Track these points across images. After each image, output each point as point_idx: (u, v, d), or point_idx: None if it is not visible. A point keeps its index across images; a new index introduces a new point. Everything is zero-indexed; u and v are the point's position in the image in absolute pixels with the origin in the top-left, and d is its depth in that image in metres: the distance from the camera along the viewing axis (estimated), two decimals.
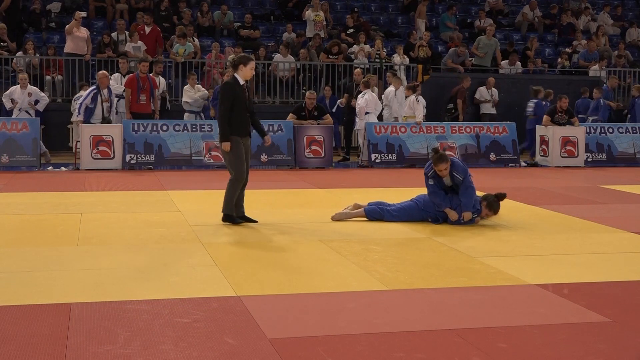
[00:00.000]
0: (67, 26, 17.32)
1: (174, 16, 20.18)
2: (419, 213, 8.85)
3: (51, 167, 14.28)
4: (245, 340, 4.70)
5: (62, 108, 16.52)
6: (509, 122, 16.27)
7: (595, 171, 15.20)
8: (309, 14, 20.61)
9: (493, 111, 18.34)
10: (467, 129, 15.87)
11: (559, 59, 21.02)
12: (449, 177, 8.69)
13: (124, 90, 14.92)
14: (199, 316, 5.14)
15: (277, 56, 18.87)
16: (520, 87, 19.43)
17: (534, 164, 16.09)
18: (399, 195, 9.70)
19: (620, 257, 7.31)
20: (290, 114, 15.24)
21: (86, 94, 14.28)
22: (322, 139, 14.99)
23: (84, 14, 17.73)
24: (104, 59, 17.30)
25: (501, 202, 8.91)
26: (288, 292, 5.82)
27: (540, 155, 16.25)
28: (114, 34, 18.48)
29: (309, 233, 8.16)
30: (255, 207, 9.24)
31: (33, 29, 19.80)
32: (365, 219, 8.92)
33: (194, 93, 16.26)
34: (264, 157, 14.65)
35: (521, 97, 19.09)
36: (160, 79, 16.53)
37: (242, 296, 5.64)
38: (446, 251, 7.39)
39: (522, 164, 16.04)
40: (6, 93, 15.06)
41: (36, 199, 10.43)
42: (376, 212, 8.90)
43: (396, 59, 19.09)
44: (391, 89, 16.32)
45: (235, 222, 8.50)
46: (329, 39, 20.00)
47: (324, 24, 20.58)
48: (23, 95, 14.81)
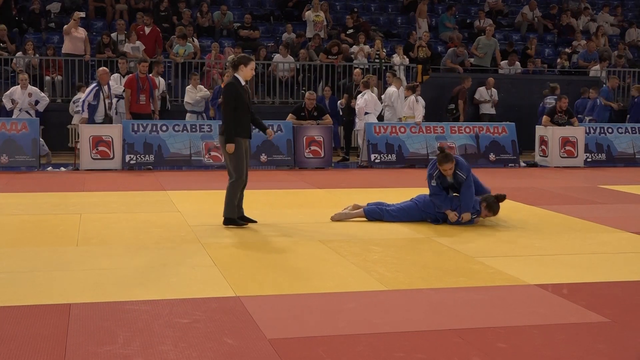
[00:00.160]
0: (65, 26, 17.32)
1: (173, 16, 20.18)
2: (418, 213, 8.85)
3: (51, 167, 14.28)
4: (244, 340, 4.70)
5: (62, 108, 16.51)
6: (508, 123, 16.27)
7: (594, 171, 15.20)
8: (309, 14, 20.61)
9: (492, 111, 18.34)
10: (467, 129, 15.87)
11: (559, 59, 21.02)
12: (453, 176, 8.69)
13: (123, 91, 14.92)
14: (199, 317, 5.14)
15: (277, 56, 18.86)
16: (520, 87, 19.43)
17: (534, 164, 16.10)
18: (398, 195, 9.70)
19: (619, 258, 7.31)
20: (290, 114, 15.24)
21: (88, 91, 14.28)
22: (321, 139, 14.99)
23: (82, 15, 17.73)
24: (103, 59, 17.30)
25: (501, 203, 8.93)
26: (287, 292, 5.82)
27: (540, 156, 16.25)
28: (113, 34, 18.48)
29: (309, 233, 8.17)
30: (255, 207, 9.24)
31: (32, 29, 19.80)
32: (365, 219, 8.92)
33: (195, 93, 16.24)
34: (263, 157, 14.65)
35: (521, 98, 19.11)
36: (160, 79, 16.52)
37: (241, 296, 5.64)
38: (446, 251, 7.39)
39: (522, 164, 16.04)
40: (6, 93, 15.06)
41: (36, 199, 10.42)
42: (376, 213, 8.90)
43: (396, 59, 19.08)
44: (394, 90, 16.26)
45: (238, 224, 8.46)
46: (329, 40, 20.00)
47: (324, 24, 20.58)
48: (23, 96, 14.81)
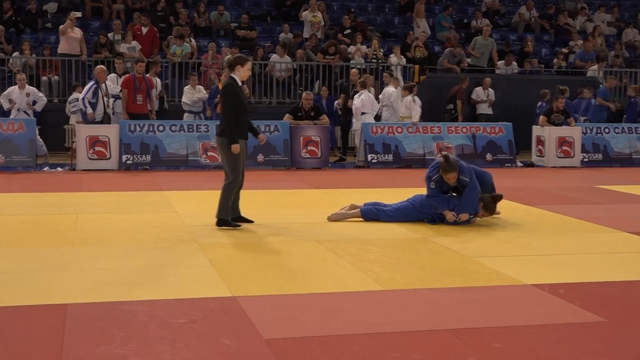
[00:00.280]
0: (61, 27, 17.31)
1: (170, 16, 20.17)
2: (415, 213, 8.85)
3: (47, 167, 14.27)
4: (241, 340, 4.70)
5: (58, 109, 16.50)
6: (505, 123, 16.27)
7: (591, 171, 15.21)
8: (306, 14, 20.61)
9: (489, 111, 18.35)
10: (464, 129, 15.88)
11: (555, 59, 21.04)
12: (456, 181, 8.68)
13: (120, 91, 14.90)
14: (195, 317, 5.14)
15: (274, 56, 18.86)
16: (517, 87, 19.45)
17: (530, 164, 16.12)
18: (395, 195, 9.70)
19: (616, 257, 7.32)
20: (287, 114, 15.24)
21: (87, 89, 14.29)
22: (318, 139, 14.99)
23: (78, 14, 17.71)
24: (100, 59, 17.28)
25: (498, 203, 8.94)
26: (284, 292, 5.82)
27: (537, 156, 16.27)
28: (110, 34, 18.46)
29: (306, 233, 8.17)
30: (252, 207, 9.24)
31: (29, 29, 19.78)
32: (362, 219, 8.92)
33: (193, 94, 16.20)
34: (260, 157, 14.65)
35: (518, 98, 19.12)
36: (157, 79, 16.51)
37: (238, 297, 5.64)
38: (442, 251, 7.39)
39: (519, 164, 16.06)
40: (4, 93, 15.05)
41: (32, 199, 10.42)
42: (372, 213, 8.90)
43: (393, 59, 19.09)
44: (393, 90, 16.25)
45: (232, 225, 8.40)
46: (326, 40, 20.00)
47: (321, 24, 20.58)
48: (21, 96, 14.80)
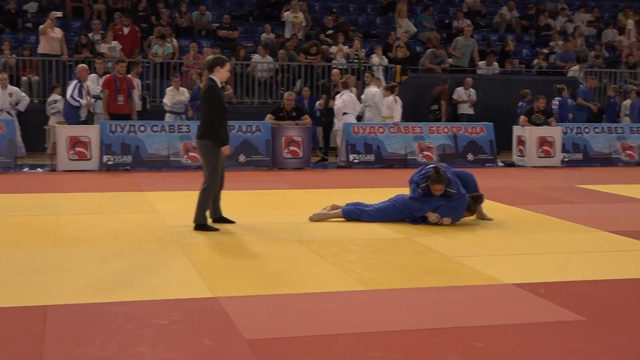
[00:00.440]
0: (41, 26, 17.20)
1: (152, 16, 20.10)
2: (396, 214, 8.86)
3: (27, 168, 14.17)
4: (222, 341, 4.69)
5: (38, 109, 16.37)
6: (486, 123, 16.34)
7: (571, 171, 15.31)
8: (287, 15, 20.60)
9: (471, 111, 18.40)
10: (445, 130, 15.93)
11: (536, 60, 21.15)
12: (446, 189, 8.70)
13: (101, 91, 14.82)
14: (176, 317, 5.13)
15: (256, 57, 18.83)
16: (498, 87, 19.51)
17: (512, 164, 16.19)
18: (377, 195, 9.71)
19: (596, 257, 7.37)
20: (269, 114, 15.22)
21: (72, 87, 14.21)
22: (300, 139, 14.99)
23: (59, 14, 17.60)
24: (81, 59, 17.18)
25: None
26: (266, 293, 5.82)
27: (518, 155, 16.34)
28: (91, 34, 18.36)
29: (287, 234, 8.16)
30: (233, 207, 9.22)
31: (9, 29, 19.64)
32: (343, 219, 8.92)
33: (175, 96, 16.10)
34: (242, 157, 14.63)
35: (499, 98, 19.18)
36: (137, 79, 16.42)
37: (219, 297, 5.63)
38: (424, 251, 7.41)
39: (500, 164, 16.13)
40: None
41: (12, 200, 10.35)
42: (354, 213, 8.91)
43: (375, 59, 19.11)
44: (376, 90, 16.26)
45: (210, 229, 8.26)
46: (308, 40, 20.00)
47: (302, 25, 20.57)
48: (4, 96, 14.70)
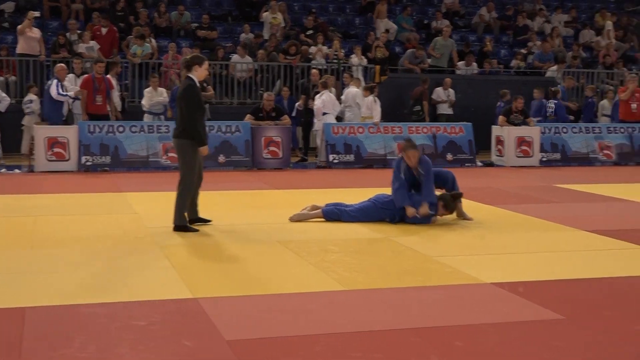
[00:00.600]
0: (19, 26, 17.07)
1: (130, 16, 20.00)
2: (376, 212, 8.88)
3: (4, 169, 14.06)
4: (202, 342, 4.68)
5: (15, 109, 16.23)
6: (465, 123, 16.40)
7: (550, 171, 15.41)
8: (266, 15, 20.58)
9: (450, 111, 18.47)
10: (424, 130, 15.97)
11: (514, 60, 21.27)
12: (418, 167, 8.76)
13: (78, 92, 14.70)
14: (156, 319, 5.11)
15: (235, 57, 18.79)
16: (477, 87, 19.61)
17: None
18: (357, 195, 9.72)
19: (574, 256, 7.43)
20: (248, 114, 15.19)
21: (54, 85, 14.13)
22: (280, 139, 14.97)
23: (36, 14, 17.48)
24: (58, 59, 17.06)
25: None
26: (246, 293, 5.81)
27: (496, 155, 16.42)
28: (68, 34, 18.25)
29: (267, 234, 8.15)
30: (213, 208, 9.20)
31: None
32: (323, 220, 8.92)
33: (153, 97, 16.01)
34: (221, 158, 14.59)
35: (478, 98, 19.28)
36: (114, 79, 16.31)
37: (199, 298, 5.61)
38: (404, 251, 7.43)
39: (479, 163, 16.20)
40: None
41: None
42: (334, 213, 8.92)
43: (354, 59, 19.13)
44: (357, 90, 16.27)
45: (189, 230, 8.22)
46: (286, 40, 19.98)
47: (281, 26, 20.55)
48: None
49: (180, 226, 8.23)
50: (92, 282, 6.08)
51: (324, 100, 15.49)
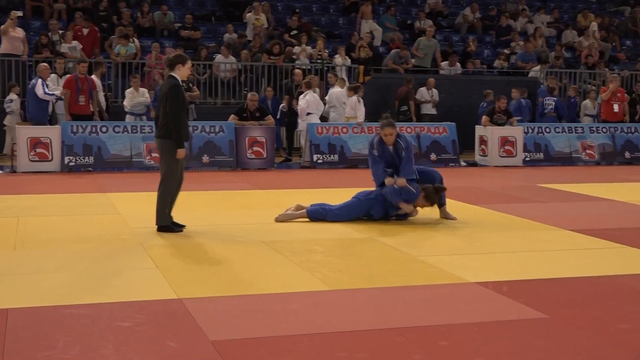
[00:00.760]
0: (2, 26, 16.96)
1: (113, 16, 19.92)
2: (361, 206, 8.89)
3: None
4: (187, 343, 4.67)
5: None
6: (449, 123, 16.46)
7: (533, 170, 15.48)
8: (249, 16, 20.55)
9: (433, 112, 18.51)
10: (408, 129, 16.00)
11: (497, 60, 21.34)
12: (394, 145, 8.74)
13: (60, 92, 14.61)
14: (140, 320, 5.09)
15: (219, 57, 18.76)
16: (460, 87, 19.67)
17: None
18: (341, 195, 9.72)
19: (557, 255, 7.46)
20: (232, 115, 15.18)
21: (39, 85, 14.02)
22: (264, 140, 14.96)
23: (19, 14, 17.38)
24: (41, 59, 16.96)
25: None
26: (230, 293, 5.80)
27: (480, 155, 16.48)
28: (50, 34, 18.14)
29: (252, 234, 8.14)
30: (197, 208, 9.18)
31: None
32: (308, 220, 8.92)
33: (132, 98, 15.92)
34: (205, 158, 14.56)
35: (461, 98, 19.34)
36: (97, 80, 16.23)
37: (183, 298, 5.59)
38: (388, 251, 7.44)
39: (462, 163, 16.25)
40: None
41: None
42: (319, 213, 8.92)
43: (338, 59, 19.14)
44: (341, 90, 16.27)
45: (173, 231, 8.16)
46: (270, 40, 19.96)
47: (264, 27, 20.51)
48: None
49: (163, 226, 8.19)
50: (76, 283, 6.05)
51: (307, 101, 15.48)
